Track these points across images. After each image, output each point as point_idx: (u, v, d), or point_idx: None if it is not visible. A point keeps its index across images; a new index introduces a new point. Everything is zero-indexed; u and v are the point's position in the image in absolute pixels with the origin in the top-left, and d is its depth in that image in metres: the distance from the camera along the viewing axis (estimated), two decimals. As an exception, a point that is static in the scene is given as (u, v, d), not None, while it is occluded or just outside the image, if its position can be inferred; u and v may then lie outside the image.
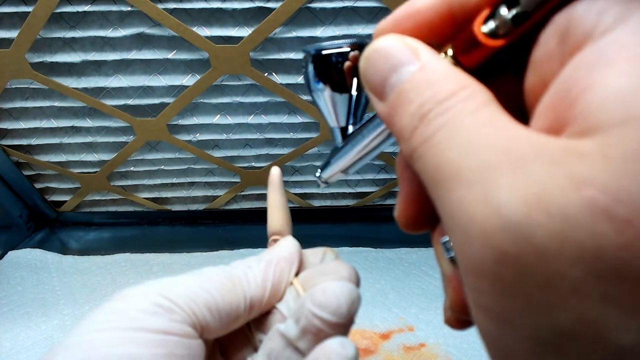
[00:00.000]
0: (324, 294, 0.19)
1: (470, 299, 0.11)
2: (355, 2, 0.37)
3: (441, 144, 0.11)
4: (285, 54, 0.40)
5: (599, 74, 0.09)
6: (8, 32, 0.38)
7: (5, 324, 0.41)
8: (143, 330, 0.17)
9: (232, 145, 0.49)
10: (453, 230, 0.11)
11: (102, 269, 0.48)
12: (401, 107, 0.12)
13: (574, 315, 0.09)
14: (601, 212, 0.08)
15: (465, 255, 0.10)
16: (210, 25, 0.39)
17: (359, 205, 0.55)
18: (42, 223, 0.57)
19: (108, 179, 0.51)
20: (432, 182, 0.11)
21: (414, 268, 0.48)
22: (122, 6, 0.37)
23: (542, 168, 0.09)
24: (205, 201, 0.55)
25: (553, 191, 0.09)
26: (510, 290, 0.10)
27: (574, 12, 0.11)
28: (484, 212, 0.10)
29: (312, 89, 0.20)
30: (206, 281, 0.19)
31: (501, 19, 0.12)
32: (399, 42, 0.13)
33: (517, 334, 0.10)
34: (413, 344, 0.38)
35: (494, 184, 0.10)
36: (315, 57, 0.19)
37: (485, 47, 0.12)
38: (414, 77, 0.12)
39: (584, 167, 0.09)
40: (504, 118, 0.11)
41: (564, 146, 0.09)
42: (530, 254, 0.09)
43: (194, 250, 0.51)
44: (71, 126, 0.46)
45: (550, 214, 0.09)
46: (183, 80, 0.42)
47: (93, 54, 0.40)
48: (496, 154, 0.10)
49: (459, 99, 0.11)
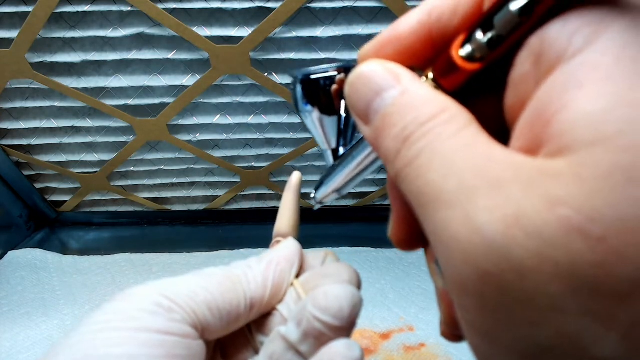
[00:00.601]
0: (326, 297, 0.18)
1: (458, 314, 0.11)
2: (355, 2, 0.37)
3: (423, 166, 0.11)
4: (285, 54, 0.40)
5: (570, 95, 0.10)
6: (8, 32, 0.38)
7: (5, 324, 0.41)
8: (143, 330, 0.17)
9: (232, 145, 0.49)
10: (437, 249, 0.11)
11: (102, 269, 0.48)
12: (385, 130, 0.13)
13: (553, 330, 0.09)
14: (576, 230, 0.09)
15: (449, 274, 0.11)
16: (210, 25, 0.39)
17: (359, 205, 0.55)
18: (42, 223, 0.57)
19: (108, 179, 0.51)
20: (417, 203, 0.12)
21: (414, 268, 0.48)
22: (122, 6, 0.37)
23: (518, 189, 0.10)
24: (205, 201, 0.55)
25: (529, 211, 0.09)
26: (492, 307, 0.10)
27: (547, 34, 0.11)
28: (465, 233, 0.10)
29: (300, 111, 0.20)
30: (206, 280, 0.19)
31: (477, 43, 0.12)
32: (381, 68, 0.13)
33: (500, 349, 0.10)
34: (413, 344, 0.38)
35: (473, 205, 0.10)
36: (303, 81, 0.19)
37: (463, 70, 0.12)
38: (396, 101, 0.12)
39: (557, 188, 0.09)
40: (483, 139, 0.11)
41: (539, 167, 0.10)
42: (510, 272, 0.09)
43: (194, 250, 0.51)
44: (71, 126, 0.46)
45: (527, 233, 0.09)
46: (183, 80, 0.42)
47: (93, 54, 0.40)
48: (475, 176, 0.10)
49: (439, 121, 0.11)
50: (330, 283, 0.20)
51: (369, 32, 0.39)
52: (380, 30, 0.39)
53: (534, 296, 0.09)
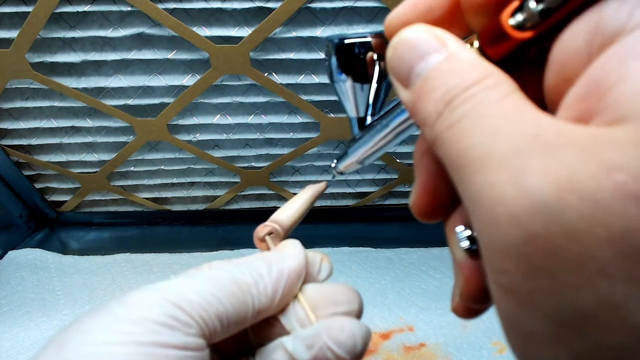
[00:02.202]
0: (342, 332, 0.19)
1: (492, 281, 0.11)
2: (355, 2, 0.37)
3: (467, 129, 0.11)
4: (285, 54, 0.40)
5: (630, 66, 0.10)
6: (8, 32, 0.38)
7: (5, 324, 0.41)
8: (162, 346, 0.16)
9: (232, 145, 0.49)
10: (479, 213, 0.11)
11: (102, 269, 0.48)
12: (426, 94, 0.12)
13: (597, 297, 0.09)
14: (632, 196, 0.09)
15: (490, 237, 0.11)
16: (210, 25, 0.39)
17: (359, 205, 0.55)
18: (42, 223, 0.57)
19: (108, 179, 0.51)
20: (456, 166, 0.11)
21: (414, 268, 0.48)
22: (122, 6, 0.37)
23: (572, 154, 0.09)
24: (205, 201, 0.55)
25: (584, 176, 0.09)
26: (535, 271, 0.10)
27: (605, 11, 0.11)
28: (513, 194, 0.10)
29: (334, 80, 0.20)
30: (217, 289, 0.19)
31: (529, 12, 0.12)
32: (427, 32, 0.13)
33: (538, 315, 0.10)
34: (413, 344, 0.38)
35: (523, 168, 0.10)
36: (338, 46, 0.19)
37: (512, 39, 0.12)
38: (441, 66, 0.12)
39: (614, 154, 0.09)
40: (530, 106, 0.11)
41: (594, 134, 0.10)
42: (559, 235, 0.09)
43: (194, 250, 0.51)
44: (71, 126, 0.46)
45: (581, 197, 0.09)
46: (183, 80, 0.42)
47: (93, 54, 0.40)
48: (525, 140, 0.10)
49: (484, 86, 0.11)
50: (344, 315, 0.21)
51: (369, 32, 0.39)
52: (380, 30, 0.39)
53: (583, 260, 0.09)
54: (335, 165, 0.22)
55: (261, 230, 0.24)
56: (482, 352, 0.37)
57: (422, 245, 0.51)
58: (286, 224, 0.24)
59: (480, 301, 0.15)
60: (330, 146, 0.48)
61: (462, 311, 0.16)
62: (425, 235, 0.52)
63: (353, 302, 0.22)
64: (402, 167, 0.50)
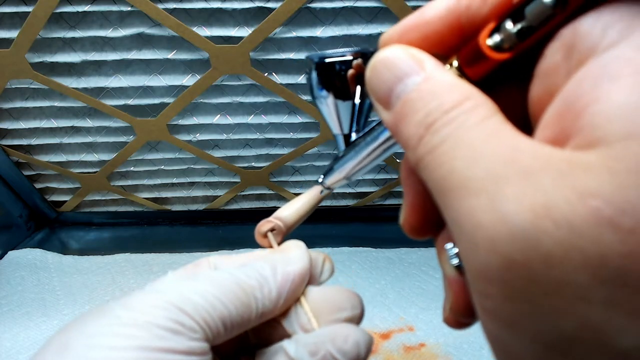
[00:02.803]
0: (346, 342, 0.20)
1: (476, 303, 0.11)
2: (355, 2, 0.37)
3: (447, 153, 0.11)
4: (285, 54, 0.40)
5: (603, 88, 0.10)
6: (8, 32, 0.38)
7: (5, 324, 0.41)
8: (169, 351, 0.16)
9: (232, 145, 0.49)
10: (460, 237, 0.11)
11: (102, 269, 0.48)
12: (407, 116, 0.12)
13: (578, 320, 0.09)
14: (606, 222, 0.09)
15: (472, 262, 0.11)
16: (210, 25, 0.39)
17: (359, 205, 0.55)
18: (42, 223, 0.57)
19: (108, 179, 0.51)
20: (439, 190, 0.12)
21: (414, 268, 0.48)
22: (122, 6, 0.37)
23: (548, 179, 0.10)
24: (205, 201, 0.55)
25: (559, 202, 0.09)
26: (516, 296, 0.10)
27: (580, 27, 0.11)
28: (491, 220, 0.10)
29: (315, 96, 0.20)
30: (221, 291, 0.19)
31: (506, 33, 0.12)
32: (404, 53, 0.13)
33: (523, 338, 0.10)
34: (413, 344, 0.38)
35: (500, 194, 0.10)
36: (318, 65, 0.19)
37: (490, 59, 0.12)
38: (419, 87, 0.12)
39: (588, 179, 0.09)
40: (508, 129, 0.11)
41: (569, 158, 0.10)
42: (537, 261, 0.09)
43: (194, 250, 0.51)
44: (71, 126, 0.46)
45: (556, 223, 0.09)
46: (183, 80, 0.42)
47: (93, 54, 0.40)
48: (502, 164, 0.10)
49: (463, 109, 0.11)
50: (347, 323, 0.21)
51: (369, 32, 0.39)
52: (380, 30, 0.39)
53: (561, 285, 0.09)
54: (322, 180, 0.21)
55: (264, 225, 0.24)
56: (482, 352, 0.37)
57: (422, 245, 0.50)
58: (289, 221, 0.24)
59: (469, 315, 0.15)
60: (330, 146, 0.48)
61: (453, 323, 0.16)
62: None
63: (355, 307, 0.22)
64: (402, 167, 0.50)
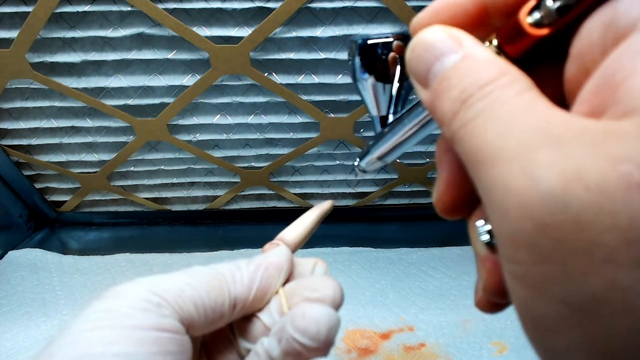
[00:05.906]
0: (304, 319, 0.19)
1: (506, 271, 0.12)
2: (355, 2, 0.37)
3: (481, 126, 0.12)
4: (285, 54, 0.40)
5: None
6: (8, 32, 0.38)
7: (5, 324, 0.41)
8: (137, 327, 0.17)
9: (232, 145, 0.49)
10: (491, 205, 0.11)
11: (102, 269, 0.48)
12: (443, 93, 0.13)
13: (605, 282, 0.09)
14: (636, 185, 0.09)
15: (503, 227, 0.11)
16: (210, 25, 0.39)
17: (359, 205, 0.55)
18: (42, 223, 0.57)
19: (108, 179, 0.51)
20: (472, 162, 0.12)
21: (414, 268, 0.48)
22: (122, 6, 0.37)
23: (580, 147, 0.10)
24: (205, 201, 0.55)
25: (590, 167, 0.09)
26: (546, 259, 0.10)
27: (619, 6, 0.11)
28: (522, 186, 0.10)
29: (357, 79, 0.21)
30: (192, 278, 0.20)
31: (546, 10, 0.12)
32: (443, 33, 0.13)
33: (551, 301, 0.10)
34: (413, 344, 0.38)
35: (532, 161, 0.10)
36: (361, 46, 0.20)
37: (529, 36, 0.13)
38: (457, 65, 0.13)
39: (620, 146, 0.09)
40: (543, 102, 0.11)
41: (602, 127, 0.10)
42: (567, 223, 0.10)
43: (194, 250, 0.51)
44: (71, 126, 0.46)
45: (587, 187, 0.09)
46: (183, 80, 0.42)
47: (93, 54, 0.40)
48: (534, 135, 0.11)
49: (499, 84, 0.12)
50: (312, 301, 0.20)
51: (369, 32, 0.39)
52: (380, 30, 0.39)
53: (590, 247, 0.09)
54: (357, 163, 0.22)
55: (267, 248, 0.24)
56: (482, 352, 0.37)
57: (422, 245, 0.51)
58: (292, 242, 0.24)
59: (502, 294, 0.15)
60: (330, 146, 0.48)
61: (486, 305, 0.16)
62: (425, 235, 0.52)
63: (328, 288, 0.21)
64: (402, 167, 0.50)
